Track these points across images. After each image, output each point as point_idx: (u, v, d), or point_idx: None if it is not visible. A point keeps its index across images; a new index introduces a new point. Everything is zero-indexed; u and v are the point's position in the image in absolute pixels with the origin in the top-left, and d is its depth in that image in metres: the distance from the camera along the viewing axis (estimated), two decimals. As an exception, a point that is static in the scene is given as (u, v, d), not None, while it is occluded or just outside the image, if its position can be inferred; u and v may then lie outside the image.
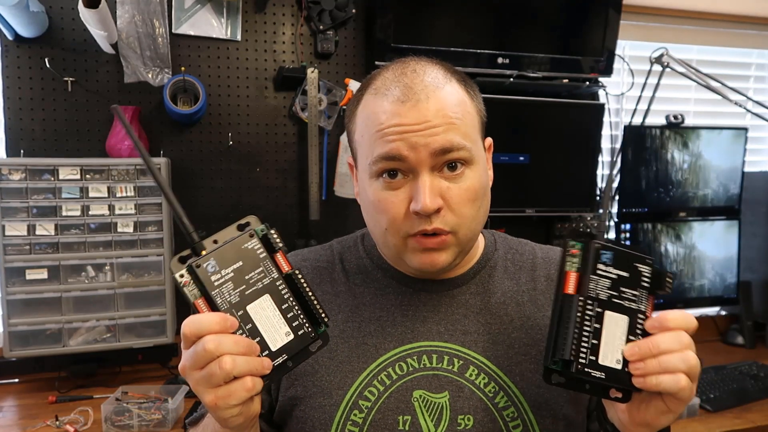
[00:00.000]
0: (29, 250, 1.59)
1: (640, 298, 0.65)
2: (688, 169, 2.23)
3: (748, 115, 2.44)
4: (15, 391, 1.69)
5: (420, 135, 0.72)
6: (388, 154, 0.73)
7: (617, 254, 0.65)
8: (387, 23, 1.84)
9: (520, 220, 2.07)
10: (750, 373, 1.87)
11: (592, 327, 0.63)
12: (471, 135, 0.76)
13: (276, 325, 0.62)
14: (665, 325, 0.62)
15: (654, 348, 0.61)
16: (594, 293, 0.64)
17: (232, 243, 0.62)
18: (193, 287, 0.61)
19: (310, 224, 1.93)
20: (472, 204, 0.75)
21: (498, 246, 0.90)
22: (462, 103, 0.76)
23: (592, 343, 0.63)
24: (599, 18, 2.03)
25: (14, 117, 1.71)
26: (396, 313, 0.82)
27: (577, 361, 0.62)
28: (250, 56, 1.90)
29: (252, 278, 0.62)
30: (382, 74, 0.79)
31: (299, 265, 0.89)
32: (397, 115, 0.73)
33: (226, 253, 0.61)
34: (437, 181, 0.73)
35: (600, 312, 0.63)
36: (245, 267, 0.62)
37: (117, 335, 1.65)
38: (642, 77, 2.24)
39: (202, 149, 1.87)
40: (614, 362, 0.63)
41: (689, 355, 0.60)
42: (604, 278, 0.64)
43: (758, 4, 2.38)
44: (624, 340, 0.63)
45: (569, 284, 0.65)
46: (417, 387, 0.77)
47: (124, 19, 1.71)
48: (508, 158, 1.99)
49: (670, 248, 2.21)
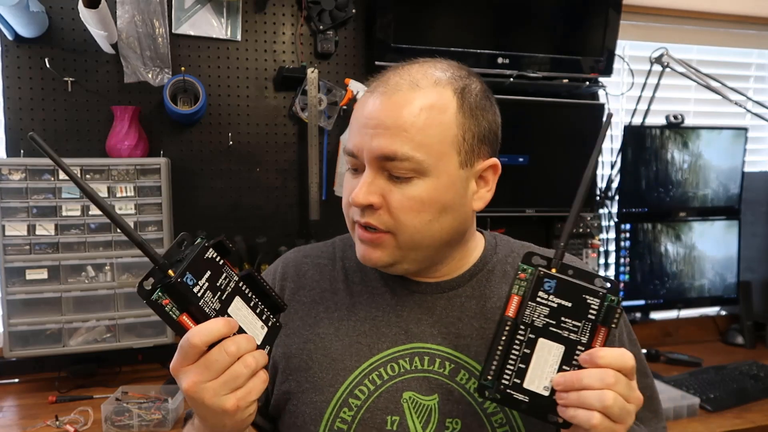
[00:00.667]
0: (29, 250, 1.59)
1: (582, 329, 0.64)
2: (688, 169, 2.23)
3: (748, 115, 2.44)
4: (15, 391, 1.69)
5: (370, 135, 0.73)
6: (347, 150, 0.77)
7: (562, 284, 0.65)
8: (387, 23, 1.84)
9: (520, 220, 2.07)
10: (750, 373, 1.87)
11: (521, 352, 0.64)
12: (431, 147, 0.72)
13: (252, 321, 0.67)
14: (595, 361, 0.62)
15: (577, 381, 0.61)
16: (529, 319, 0.65)
17: (195, 256, 0.63)
18: (172, 305, 0.61)
19: (310, 224, 1.93)
20: (417, 214, 0.73)
21: (498, 249, 0.88)
22: (438, 110, 0.73)
23: (519, 366, 0.64)
24: (599, 18, 2.03)
25: (14, 117, 1.71)
26: (391, 314, 0.81)
27: (500, 381, 0.64)
28: (250, 56, 1.90)
29: (221, 284, 0.65)
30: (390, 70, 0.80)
31: (300, 261, 0.90)
32: (368, 108, 0.75)
33: (196, 266, 0.63)
34: (381, 181, 0.74)
35: (533, 338, 0.64)
36: (213, 275, 0.64)
37: (117, 335, 1.65)
38: (642, 77, 2.24)
39: (202, 149, 1.87)
40: (541, 388, 0.64)
41: (606, 395, 0.60)
42: (543, 306, 0.65)
43: (758, 4, 2.38)
44: (556, 369, 0.64)
45: (510, 307, 0.66)
46: (407, 388, 0.77)
47: (124, 19, 1.71)
48: (507, 159, 1.99)
49: (670, 248, 2.21)
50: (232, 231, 1.87)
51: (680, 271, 2.22)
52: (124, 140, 1.69)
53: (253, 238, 1.85)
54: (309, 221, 1.91)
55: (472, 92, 0.77)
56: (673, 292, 2.22)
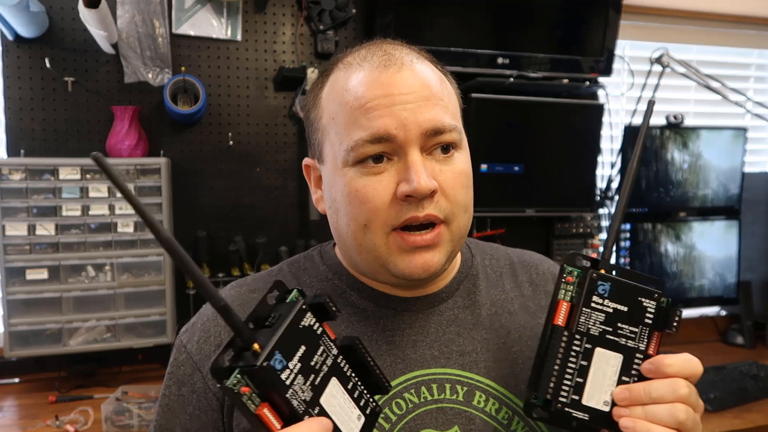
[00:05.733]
0: (29, 250, 1.59)
1: (639, 336, 0.59)
2: (688, 169, 2.23)
3: (748, 115, 2.44)
4: (15, 391, 1.69)
5: (410, 108, 0.62)
6: (374, 135, 0.62)
7: (618, 286, 0.59)
8: (387, 23, 1.84)
9: (520, 221, 2.07)
10: (750, 373, 1.87)
11: (578, 364, 0.58)
12: (458, 117, 0.69)
13: (348, 410, 0.51)
14: (662, 370, 0.56)
15: (645, 395, 0.55)
16: (584, 327, 0.58)
17: (290, 324, 0.48)
18: (252, 393, 0.46)
19: (310, 224, 1.93)
20: (466, 190, 0.67)
21: (474, 252, 0.81)
22: (443, 81, 0.69)
23: (576, 381, 0.57)
24: (599, 18, 2.03)
25: (14, 117, 1.71)
26: (380, 342, 0.69)
27: (557, 399, 0.57)
28: (250, 56, 1.90)
29: (316, 362, 0.50)
30: (353, 52, 0.70)
31: (247, 298, 0.72)
32: (379, 84, 0.63)
33: (289, 339, 0.48)
34: (429, 162, 0.64)
35: (589, 348, 0.58)
36: (308, 351, 0.49)
37: (117, 335, 1.65)
38: (642, 77, 2.24)
39: (202, 149, 1.87)
40: (601, 404, 0.57)
41: (678, 409, 0.54)
42: (599, 312, 0.58)
43: (758, 4, 2.38)
44: (615, 381, 0.58)
45: (559, 315, 0.59)
46: (422, 426, 0.65)
47: (124, 19, 1.71)
48: (507, 160, 1.99)
49: (670, 248, 2.21)
50: (232, 231, 1.87)
51: (680, 271, 2.22)
52: (125, 140, 1.70)
53: (253, 238, 1.85)
54: (309, 221, 1.91)
55: (437, 62, 0.73)
56: (673, 292, 2.21)
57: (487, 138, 1.95)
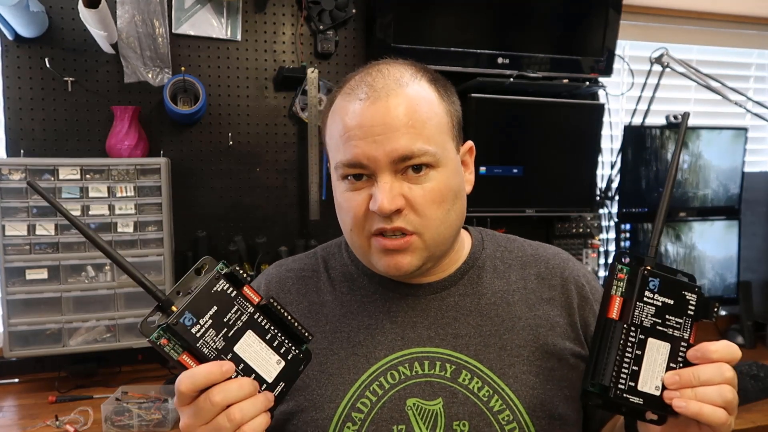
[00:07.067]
0: (29, 250, 1.59)
1: (683, 326, 0.65)
2: (688, 169, 2.23)
3: (748, 115, 2.44)
4: (15, 391, 1.69)
5: (379, 141, 0.71)
6: (349, 162, 0.73)
7: (665, 281, 0.66)
8: (387, 23, 1.84)
9: (520, 220, 2.07)
10: (750, 373, 1.87)
11: (634, 354, 0.64)
12: (436, 138, 0.74)
13: (266, 357, 0.63)
14: (708, 356, 0.62)
15: (695, 378, 0.62)
16: (638, 320, 0.65)
17: (202, 290, 0.61)
18: (174, 344, 0.59)
19: (310, 224, 1.93)
20: (439, 206, 0.74)
21: (486, 244, 0.88)
22: (428, 102, 0.75)
23: (632, 369, 0.64)
24: (599, 18, 2.03)
25: (14, 117, 1.71)
26: (384, 321, 0.80)
27: (617, 387, 0.63)
28: (250, 56, 1.90)
29: (230, 319, 0.62)
30: (354, 76, 0.79)
31: (283, 276, 0.87)
32: (358, 116, 0.73)
33: (199, 302, 0.60)
34: (398, 183, 0.73)
35: (643, 339, 0.64)
36: (221, 310, 0.61)
37: (117, 335, 1.65)
38: (642, 77, 2.24)
39: (202, 149, 1.87)
40: (653, 388, 0.64)
41: (726, 389, 0.61)
42: (650, 305, 0.65)
43: (758, 4, 2.38)
44: (665, 367, 0.64)
45: (613, 309, 0.66)
46: (410, 395, 0.76)
47: (124, 19, 1.71)
48: (501, 170, 1.99)
49: (670, 248, 2.21)
50: (232, 231, 1.88)
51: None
52: (124, 140, 1.70)
53: (253, 238, 1.85)
54: (309, 221, 1.91)
55: (438, 79, 0.80)
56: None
57: (487, 138, 1.95)
